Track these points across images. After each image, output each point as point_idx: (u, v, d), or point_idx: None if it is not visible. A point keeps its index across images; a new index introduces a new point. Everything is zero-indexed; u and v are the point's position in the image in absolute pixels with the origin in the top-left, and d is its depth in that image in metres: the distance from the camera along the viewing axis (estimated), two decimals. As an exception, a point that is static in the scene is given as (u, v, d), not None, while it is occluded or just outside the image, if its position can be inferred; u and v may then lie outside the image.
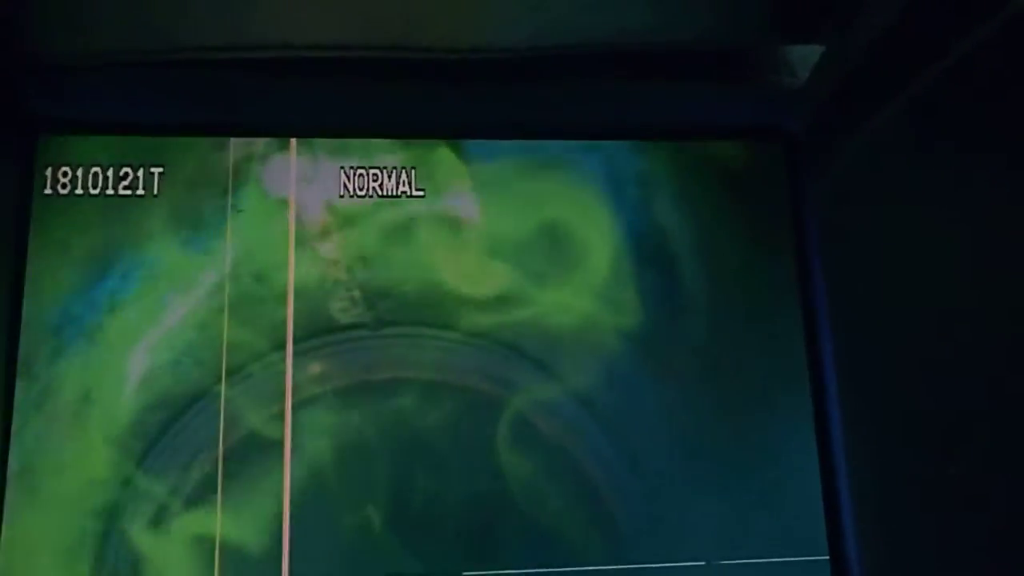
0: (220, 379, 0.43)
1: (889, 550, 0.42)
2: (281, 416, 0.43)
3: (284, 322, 0.44)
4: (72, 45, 0.41)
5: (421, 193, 0.46)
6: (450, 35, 0.42)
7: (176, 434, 0.42)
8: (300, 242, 0.45)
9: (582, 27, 0.42)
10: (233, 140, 0.45)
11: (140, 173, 0.45)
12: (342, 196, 0.45)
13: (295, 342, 0.43)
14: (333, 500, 0.42)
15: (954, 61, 0.37)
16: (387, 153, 0.46)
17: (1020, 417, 0.34)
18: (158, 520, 0.41)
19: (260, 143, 0.45)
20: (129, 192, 0.44)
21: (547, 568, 0.42)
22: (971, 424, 0.36)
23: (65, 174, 0.44)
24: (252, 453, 0.42)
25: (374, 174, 0.46)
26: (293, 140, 0.46)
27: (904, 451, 0.40)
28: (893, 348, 0.42)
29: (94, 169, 0.44)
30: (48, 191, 0.44)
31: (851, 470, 0.44)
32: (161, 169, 0.45)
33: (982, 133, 0.36)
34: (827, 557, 0.43)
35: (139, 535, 0.41)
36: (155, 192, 0.44)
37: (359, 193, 0.45)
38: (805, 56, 0.45)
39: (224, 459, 0.42)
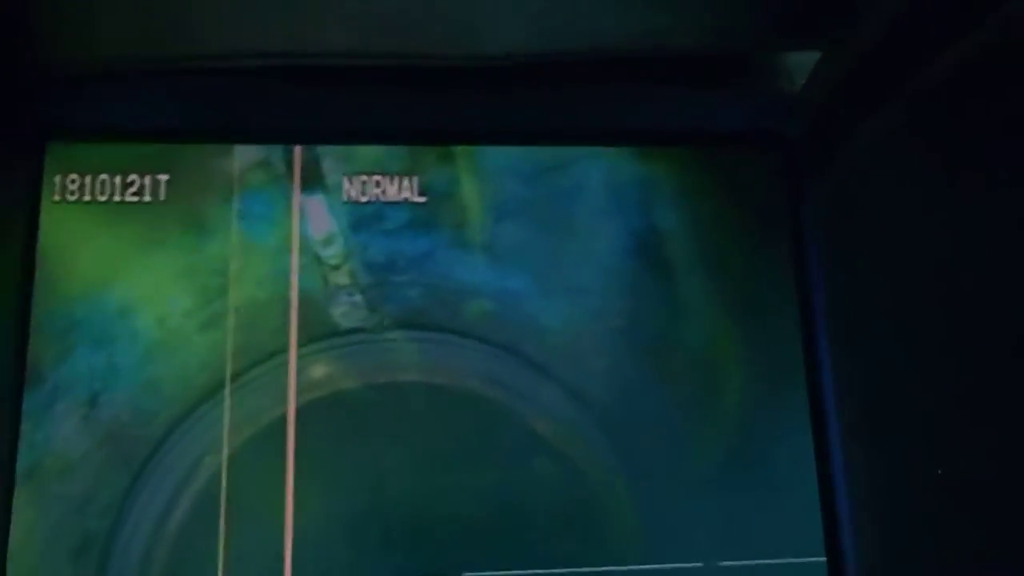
0: (225, 383, 0.43)
1: (886, 551, 0.42)
2: (285, 419, 0.43)
3: (288, 327, 0.44)
4: (80, 54, 0.42)
5: (423, 199, 0.46)
6: (453, 41, 0.42)
7: (181, 437, 0.43)
8: (304, 247, 0.45)
9: (582, 33, 0.42)
10: (238, 147, 0.46)
11: (147, 180, 0.45)
12: (346, 202, 0.46)
13: (299, 346, 0.44)
14: (336, 501, 0.42)
15: (950, 65, 0.37)
16: (390, 159, 0.47)
17: (1018, 417, 0.34)
18: (163, 521, 0.42)
19: (265, 150, 0.46)
20: (136, 199, 0.45)
21: (546, 569, 0.43)
22: (968, 424, 0.37)
23: (73, 181, 0.45)
24: (256, 456, 0.43)
25: (377, 180, 0.46)
26: (297, 147, 0.46)
27: (901, 452, 0.41)
28: (890, 350, 0.42)
29: (102, 176, 0.45)
30: (57, 198, 0.45)
31: (848, 471, 0.44)
32: (167, 176, 0.45)
33: (979, 136, 0.36)
34: (824, 558, 0.43)
35: (144, 536, 0.42)
36: (161, 198, 0.45)
37: (362, 199, 0.46)
38: (802, 62, 0.45)
39: (228, 462, 0.42)
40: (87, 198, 0.45)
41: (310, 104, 0.46)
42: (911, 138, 0.41)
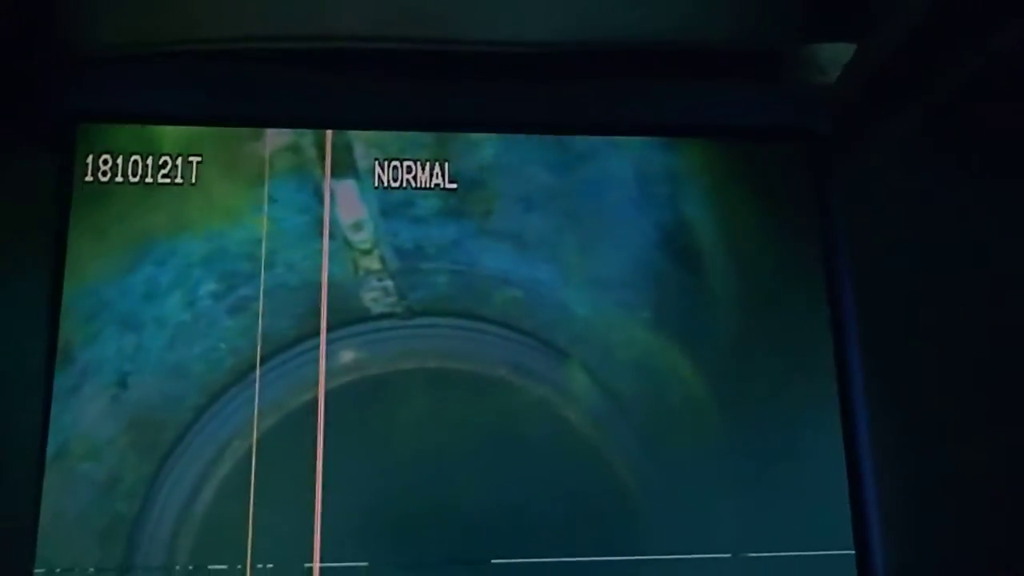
0: (255, 366, 0.43)
1: (914, 544, 0.42)
2: (315, 404, 0.43)
3: (318, 311, 0.44)
4: (111, 37, 0.42)
5: (454, 186, 0.46)
6: (487, 29, 0.42)
7: (209, 421, 0.43)
8: (334, 232, 0.45)
9: (613, 24, 0.42)
10: (269, 131, 0.46)
11: (179, 162, 0.45)
12: (376, 187, 0.46)
13: (328, 331, 0.44)
14: (364, 487, 0.42)
15: (984, 60, 0.37)
16: (421, 146, 0.47)
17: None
18: (191, 504, 0.42)
19: (296, 134, 0.46)
20: (167, 180, 0.45)
21: (574, 558, 0.43)
22: (997, 418, 0.37)
23: (105, 162, 0.45)
24: (286, 440, 0.43)
25: (408, 166, 0.46)
26: (329, 131, 0.46)
27: (930, 445, 0.41)
28: (919, 343, 0.42)
29: (134, 157, 0.45)
30: (88, 179, 0.44)
31: (877, 463, 0.44)
32: (199, 158, 0.45)
33: (1010, 133, 0.36)
34: (852, 551, 0.44)
35: (172, 519, 0.42)
36: (192, 181, 0.45)
37: (393, 185, 0.46)
38: (835, 55, 0.45)
39: (258, 446, 0.42)
40: (119, 179, 0.45)
41: (342, 89, 0.46)
42: (942, 133, 0.41)
